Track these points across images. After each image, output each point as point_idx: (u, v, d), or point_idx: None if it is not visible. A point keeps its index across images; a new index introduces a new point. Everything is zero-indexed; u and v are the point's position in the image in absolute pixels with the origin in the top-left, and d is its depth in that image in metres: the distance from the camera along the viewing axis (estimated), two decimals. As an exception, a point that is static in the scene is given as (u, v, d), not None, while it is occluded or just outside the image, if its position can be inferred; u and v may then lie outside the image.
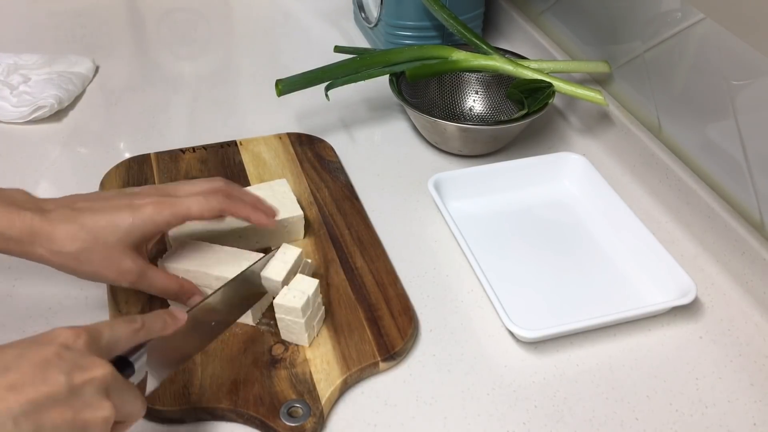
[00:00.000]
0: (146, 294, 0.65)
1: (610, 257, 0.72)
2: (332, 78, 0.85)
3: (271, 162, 0.83)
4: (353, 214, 0.76)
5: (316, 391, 0.58)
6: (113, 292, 0.66)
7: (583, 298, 0.68)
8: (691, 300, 0.64)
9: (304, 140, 0.87)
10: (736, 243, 0.70)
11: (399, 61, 0.86)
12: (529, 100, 0.83)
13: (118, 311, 0.65)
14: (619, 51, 0.86)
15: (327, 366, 0.60)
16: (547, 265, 0.72)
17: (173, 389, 0.58)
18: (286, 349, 0.62)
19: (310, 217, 0.75)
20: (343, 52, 0.90)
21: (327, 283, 0.68)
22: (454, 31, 0.92)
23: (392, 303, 0.66)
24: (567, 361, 0.63)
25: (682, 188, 0.76)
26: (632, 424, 0.58)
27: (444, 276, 0.71)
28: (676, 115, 0.79)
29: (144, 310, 0.65)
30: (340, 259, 0.71)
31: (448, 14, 0.91)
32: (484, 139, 0.84)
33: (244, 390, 0.58)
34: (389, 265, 0.70)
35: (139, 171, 0.81)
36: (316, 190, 0.79)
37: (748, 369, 0.63)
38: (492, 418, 0.58)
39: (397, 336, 0.63)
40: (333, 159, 0.85)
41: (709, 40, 0.71)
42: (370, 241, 0.73)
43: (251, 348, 0.62)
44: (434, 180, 0.77)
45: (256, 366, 0.60)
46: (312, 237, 0.73)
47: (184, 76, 1.04)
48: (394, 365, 0.62)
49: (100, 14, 1.18)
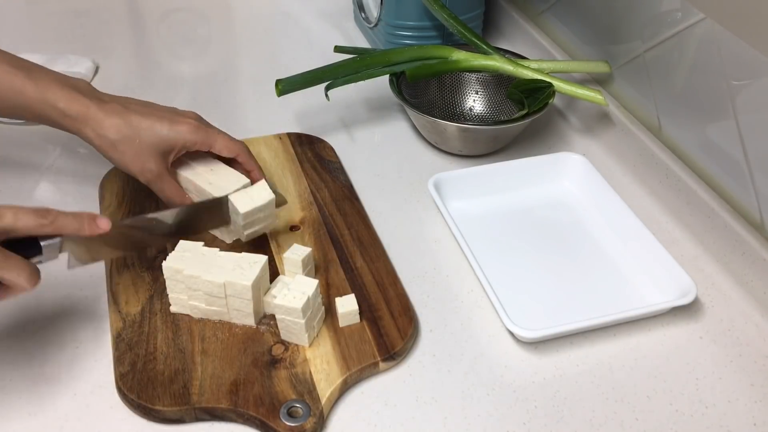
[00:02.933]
0: (146, 295, 0.66)
1: (610, 257, 0.72)
2: (332, 78, 0.85)
3: (271, 162, 0.83)
4: (353, 214, 0.76)
5: (316, 391, 0.58)
6: (114, 293, 0.66)
7: (584, 298, 0.68)
8: (691, 300, 0.64)
9: (304, 140, 0.87)
10: (736, 243, 0.70)
11: (399, 61, 0.86)
12: (529, 100, 0.83)
13: (117, 311, 0.65)
14: (619, 51, 0.86)
15: (327, 366, 0.60)
16: (547, 265, 0.72)
17: (173, 389, 0.58)
18: (286, 349, 0.62)
19: (309, 217, 0.76)
20: (343, 52, 0.90)
21: (327, 283, 0.68)
22: (454, 31, 0.92)
23: (392, 303, 0.66)
24: (567, 361, 0.63)
25: (682, 188, 0.76)
26: (632, 424, 0.58)
27: (444, 276, 0.71)
28: (676, 115, 0.79)
29: (143, 310, 0.65)
30: (340, 259, 0.71)
31: (448, 14, 0.91)
32: (484, 139, 0.84)
33: (244, 390, 0.58)
34: (389, 265, 0.70)
35: None
36: (316, 190, 0.79)
37: (748, 369, 0.63)
38: (492, 418, 0.58)
39: (397, 336, 0.63)
40: (333, 159, 0.85)
41: (709, 40, 0.71)
42: (370, 241, 0.73)
43: (251, 348, 0.62)
44: (434, 180, 0.77)
45: (256, 366, 0.60)
46: (312, 237, 0.73)
47: (184, 76, 1.04)
48: (394, 365, 0.62)
49: (100, 14, 1.18)
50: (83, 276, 0.68)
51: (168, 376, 0.59)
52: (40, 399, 0.59)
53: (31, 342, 0.64)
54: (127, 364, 0.60)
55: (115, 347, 0.62)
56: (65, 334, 0.64)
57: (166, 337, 0.62)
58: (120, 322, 0.64)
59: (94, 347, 0.63)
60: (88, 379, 0.61)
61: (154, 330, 0.63)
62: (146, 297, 0.66)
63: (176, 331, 0.63)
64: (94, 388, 0.60)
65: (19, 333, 0.64)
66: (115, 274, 0.68)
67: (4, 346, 0.63)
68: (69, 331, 0.65)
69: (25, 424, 0.58)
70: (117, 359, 0.61)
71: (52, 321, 0.65)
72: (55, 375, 0.61)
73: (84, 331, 0.65)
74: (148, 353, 0.61)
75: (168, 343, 0.62)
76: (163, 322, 0.64)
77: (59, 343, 0.64)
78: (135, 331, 0.63)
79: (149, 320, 0.64)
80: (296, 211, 0.76)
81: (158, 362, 0.60)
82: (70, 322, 0.66)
